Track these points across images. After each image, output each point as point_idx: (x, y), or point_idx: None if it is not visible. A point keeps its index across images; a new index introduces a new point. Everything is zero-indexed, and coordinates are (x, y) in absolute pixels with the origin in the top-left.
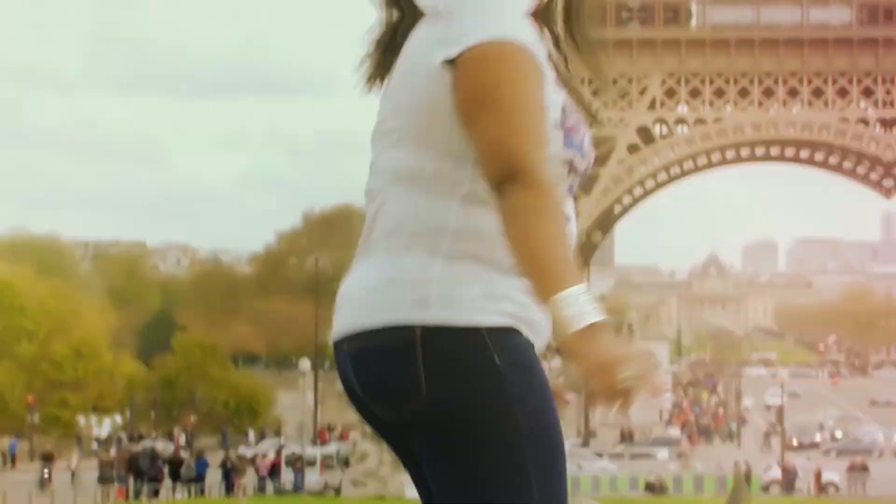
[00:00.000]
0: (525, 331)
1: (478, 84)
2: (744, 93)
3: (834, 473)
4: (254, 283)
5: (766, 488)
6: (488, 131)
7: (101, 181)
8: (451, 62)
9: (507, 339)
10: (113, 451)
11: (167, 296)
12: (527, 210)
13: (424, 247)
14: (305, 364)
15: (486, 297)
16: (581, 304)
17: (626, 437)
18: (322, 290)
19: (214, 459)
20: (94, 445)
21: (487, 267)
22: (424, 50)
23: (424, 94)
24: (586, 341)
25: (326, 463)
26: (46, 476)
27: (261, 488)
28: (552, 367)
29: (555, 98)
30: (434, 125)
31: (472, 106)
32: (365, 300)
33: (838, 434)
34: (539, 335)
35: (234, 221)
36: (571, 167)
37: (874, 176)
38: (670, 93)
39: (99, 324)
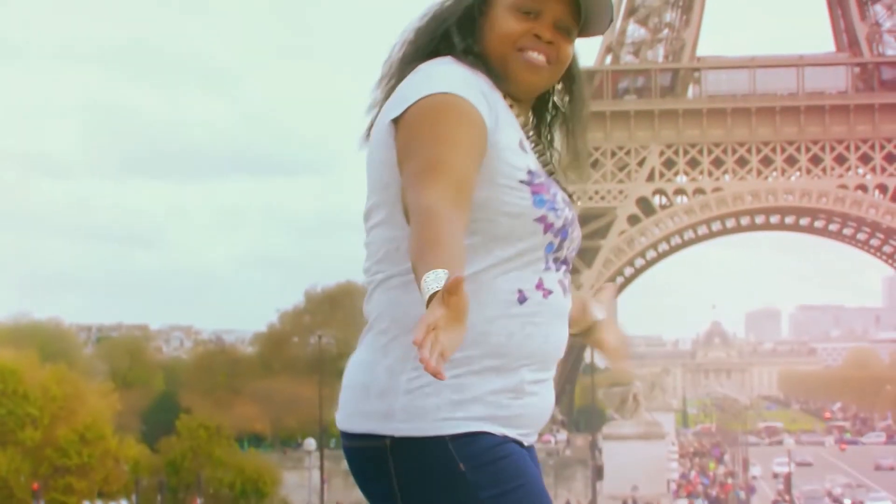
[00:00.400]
0: (498, 428)
1: (404, 138)
2: (742, 162)
3: None
4: (257, 362)
5: None
6: (404, 179)
7: (101, 265)
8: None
9: (473, 445)
10: None
11: (171, 378)
12: (412, 237)
13: (398, 348)
14: (311, 443)
15: (453, 405)
16: (430, 282)
17: None
18: (326, 367)
19: None
20: None
21: (460, 370)
22: (381, 119)
23: (389, 164)
24: (429, 307)
25: None
26: None
27: None
28: (558, 440)
29: (519, 159)
30: (399, 198)
31: (400, 158)
32: (348, 402)
33: (846, 502)
34: (523, 426)
35: (236, 302)
36: (546, 225)
37: (874, 242)
38: (669, 163)
39: (103, 408)
